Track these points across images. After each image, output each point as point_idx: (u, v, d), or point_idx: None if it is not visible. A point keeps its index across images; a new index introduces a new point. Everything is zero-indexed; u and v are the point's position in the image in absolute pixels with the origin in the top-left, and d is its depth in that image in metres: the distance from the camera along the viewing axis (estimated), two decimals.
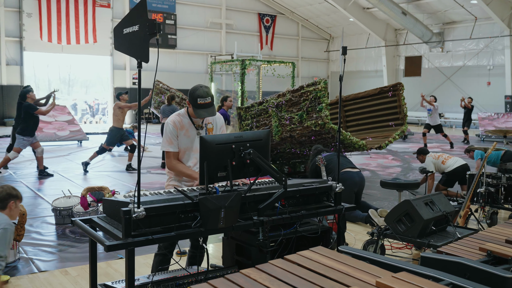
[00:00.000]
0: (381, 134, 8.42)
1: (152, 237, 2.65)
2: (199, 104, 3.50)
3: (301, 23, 28.99)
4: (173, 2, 24.53)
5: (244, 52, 25.67)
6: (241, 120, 9.17)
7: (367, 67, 28.45)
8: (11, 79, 21.01)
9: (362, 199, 6.49)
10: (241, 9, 26.74)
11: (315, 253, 2.24)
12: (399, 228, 4.70)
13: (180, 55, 25.01)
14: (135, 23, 2.50)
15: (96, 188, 5.68)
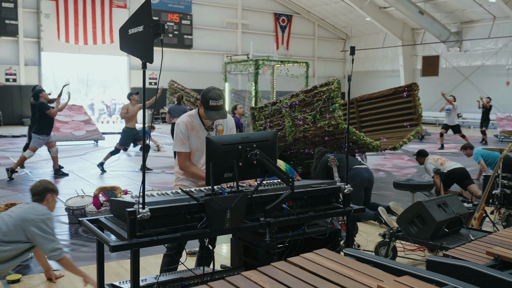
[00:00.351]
0: (396, 134, 8.33)
1: (157, 237, 2.64)
2: (211, 106, 3.49)
3: (317, 22, 28.88)
4: (189, 3, 24.63)
5: (260, 52, 25.68)
6: (254, 120, 9.16)
7: (384, 67, 28.23)
8: (30, 79, 21.30)
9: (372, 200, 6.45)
10: (257, 9, 26.74)
11: (318, 255, 2.21)
12: (411, 230, 4.65)
13: (196, 55, 25.10)
14: (139, 24, 2.50)
15: (108, 188, 5.72)
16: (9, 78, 20.96)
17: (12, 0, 20.52)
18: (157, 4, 23.77)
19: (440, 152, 13.60)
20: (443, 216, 4.58)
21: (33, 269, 4.51)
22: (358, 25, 28.06)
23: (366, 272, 1.99)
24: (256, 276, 1.96)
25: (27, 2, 21.00)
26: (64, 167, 9.88)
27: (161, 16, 23.85)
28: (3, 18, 20.41)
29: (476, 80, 23.79)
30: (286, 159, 9.27)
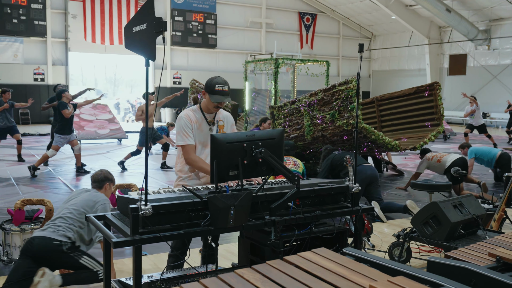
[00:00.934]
0: (417, 134, 8.20)
1: (159, 235, 2.66)
2: (216, 90, 3.53)
3: (342, 21, 28.66)
4: (213, 2, 24.73)
5: (284, 51, 25.62)
6: (274, 119, 9.14)
7: (410, 65, 27.84)
8: (57, 78, 21.71)
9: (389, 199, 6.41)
10: (281, 8, 26.69)
11: (316, 254, 2.19)
12: (425, 231, 4.57)
13: (220, 55, 25.20)
14: (143, 22, 2.52)
15: (124, 185, 5.77)
16: (37, 77, 21.43)
17: (40, 1, 20.96)
18: (181, 4, 23.96)
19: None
20: (458, 217, 4.48)
21: None
22: (383, 24, 27.74)
23: (362, 272, 1.96)
24: (249, 274, 1.95)
25: (55, 3, 21.43)
26: (86, 165, 10.04)
27: (185, 16, 24.03)
28: (32, 19, 20.86)
29: (505, 79, 23.25)
30: (305, 158, 9.23)
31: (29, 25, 20.79)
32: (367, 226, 5.27)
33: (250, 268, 2.04)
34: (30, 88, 21.19)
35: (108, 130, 14.93)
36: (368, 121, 9.23)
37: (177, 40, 23.93)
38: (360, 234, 3.46)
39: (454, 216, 4.47)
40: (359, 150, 8.39)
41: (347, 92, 7.37)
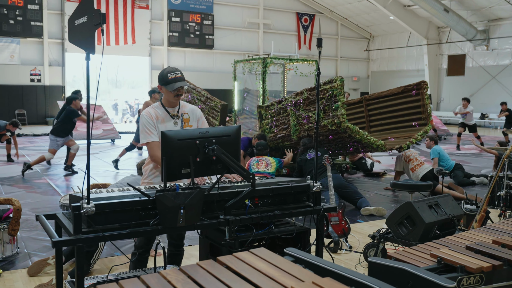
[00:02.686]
0: (404, 134, 8.10)
1: (103, 234, 2.58)
2: (170, 79, 3.47)
3: (340, 22, 28.57)
4: (210, 3, 24.68)
5: (282, 52, 25.48)
6: (261, 119, 9.06)
7: (409, 66, 27.72)
8: (53, 79, 21.70)
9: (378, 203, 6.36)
10: (279, 8, 26.61)
11: (252, 255, 2.11)
12: (400, 232, 4.48)
13: (217, 55, 25.14)
14: (84, 14, 2.44)
15: (100, 185, 5.70)
16: (34, 78, 21.40)
17: (37, 2, 20.95)
18: (178, 5, 23.91)
19: (457, 153, 13.23)
20: (433, 218, 4.39)
21: (17, 265, 4.52)
22: (382, 24, 27.63)
23: (293, 273, 1.88)
24: (173, 275, 1.87)
25: (52, 3, 21.41)
26: (75, 165, 9.98)
27: (182, 17, 23.98)
28: (29, 20, 20.85)
29: (504, 80, 23.10)
30: (294, 158, 9.14)
31: (25, 26, 20.78)
32: (344, 227, 5.19)
33: (179, 269, 1.96)
34: (26, 88, 21.18)
35: (101, 130, 14.88)
36: (357, 120, 9.14)
37: (174, 41, 23.88)
38: (322, 234, 3.36)
39: (428, 216, 4.38)
40: (346, 150, 8.31)
41: (332, 91, 7.29)
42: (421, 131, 7.81)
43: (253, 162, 7.21)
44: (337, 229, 5.15)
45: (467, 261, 2.18)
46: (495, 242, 2.48)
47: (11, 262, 4.57)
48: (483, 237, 2.67)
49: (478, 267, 2.14)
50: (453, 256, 2.26)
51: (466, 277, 2.09)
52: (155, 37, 23.64)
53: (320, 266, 1.95)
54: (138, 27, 22.85)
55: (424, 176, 7.33)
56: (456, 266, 2.15)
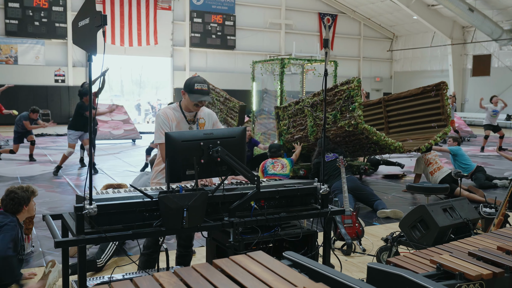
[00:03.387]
0: (423, 136, 7.97)
1: (105, 235, 2.59)
2: (196, 90, 3.47)
3: (363, 22, 28.31)
4: (232, 4, 24.73)
5: (304, 52, 25.44)
6: (278, 120, 9.02)
7: (432, 66, 27.30)
8: (77, 80, 22.02)
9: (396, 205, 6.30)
10: (301, 9, 26.51)
11: (250, 258, 2.08)
12: (413, 235, 4.39)
13: (239, 56, 25.17)
14: (86, 16, 2.46)
15: (115, 184, 5.75)
16: (58, 79, 21.77)
17: (61, 4, 21.30)
18: (200, 6, 24.03)
19: (480, 155, 12.98)
20: (447, 221, 4.30)
21: (31, 263, 4.58)
22: (405, 24, 27.29)
23: (287, 278, 1.85)
24: (167, 277, 1.85)
25: (76, 5, 21.71)
26: (97, 164, 10.14)
27: (204, 18, 24.09)
28: (53, 22, 21.22)
29: None
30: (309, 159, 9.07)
31: (50, 27, 21.15)
32: (358, 230, 5.13)
33: (174, 271, 1.95)
34: (50, 89, 21.56)
35: (122, 130, 15.04)
36: (376, 122, 9.03)
37: (196, 42, 24.00)
38: (329, 237, 3.32)
39: (442, 220, 4.29)
40: (363, 152, 8.21)
41: (348, 92, 7.21)
42: (440, 133, 7.67)
43: (269, 164, 7.19)
44: (351, 232, 5.08)
45: (466, 268, 2.12)
46: (499, 249, 2.40)
47: (26, 260, 4.62)
48: (489, 243, 2.59)
49: (477, 274, 2.07)
50: (452, 262, 2.19)
51: (465, 285, 2.03)
52: (177, 38, 23.80)
53: (316, 271, 1.92)
54: (160, 28, 23.03)
55: (443, 179, 7.19)
56: (455, 273, 2.09)
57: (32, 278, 4.09)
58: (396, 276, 1.82)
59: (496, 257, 2.24)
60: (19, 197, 3.93)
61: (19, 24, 20.61)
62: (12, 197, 3.91)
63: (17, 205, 3.89)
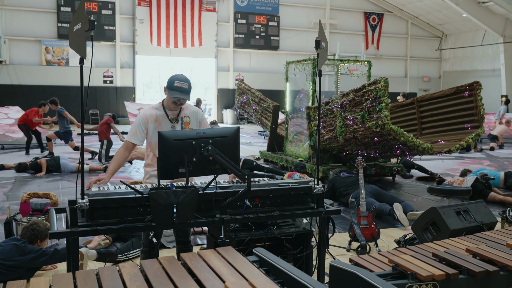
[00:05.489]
0: (455, 137, 7.77)
1: (97, 228, 2.73)
2: (175, 87, 3.50)
3: (411, 20, 27.68)
4: (276, 4, 24.81)
5: (348, 52, 25.18)
6: (309, 120, 9.03)
7: (483, 66, 26.37)
8: (124, 81, 22.74)
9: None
10: (346, 8, 26.25)
11: (216, 253, 2.16)
12: (425, 238, 4.34)
13: (282, 56, 25.17)
14: (79, 21, 2.60)
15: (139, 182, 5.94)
16: (107, 79, 22.53)
17: (110, 7, 22.05)
18: (244, 7, 24.25)
19: None
20: (460, 224, 4.22)
21: None
22: (454, 22, 26.49)
23: (243, 273, 1.91)
24: (129, 268, 1.96)
25: (124, 8, 22.44)
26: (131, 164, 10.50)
27: (248, 18, 24.29)
28: (102, 25, 21.99)
29: None
30: (342, 161, 9.03)
31: (99, 30, 21.91)
32: (373, 231, 5.09)
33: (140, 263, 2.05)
34: (99, 89, 22.33)
35: None
36: (408, 123, 8.88)
37: (240, 43, 24.24)
38: (325, 237, 3.34)
39: (454, 223, 4.22)
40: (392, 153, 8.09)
41: (376, 93, 7.13)
42: (473, 134, 7.45)
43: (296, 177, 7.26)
44: (366, 233, 5.05)
45: (420, 268, 2.09)
46: (468, 251, 2.35)
47: None
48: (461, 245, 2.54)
49: (428, 274, 2.05)
50: (409, 262, 2.17)
51: (416, 284, 2.01)
52: (221, 39, 24.11)
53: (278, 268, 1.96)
54: (204, 29, 23.41)
55: (473, 185, 6.95)
56: (408, 272, 2.07)
57: (50, 270, 4.32)
58: (351, 274, 1.85)
59: (458, 258, 2.21)
60: (39, 231, 4.26)
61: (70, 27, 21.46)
62: (33, 228, 4.25)
63: (33, 236, 4.22)
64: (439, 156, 8.56)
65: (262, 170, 9.44)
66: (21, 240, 4.20)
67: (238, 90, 12.48)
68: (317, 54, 3.09)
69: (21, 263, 4.01)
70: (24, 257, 4.03)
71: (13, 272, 3.99)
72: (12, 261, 4.00)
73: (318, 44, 3.04)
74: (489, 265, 2.17)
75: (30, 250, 4.09)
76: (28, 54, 21.04)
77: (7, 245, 4.12)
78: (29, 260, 4.03)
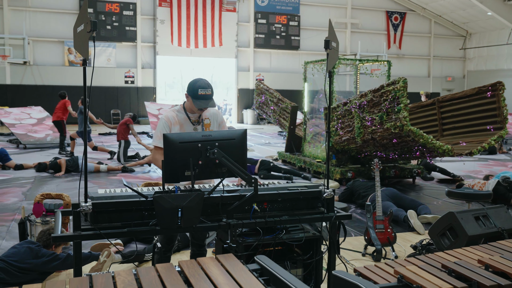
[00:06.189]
0: (477, 139, 7.56)
1: (100, 231, 2.69)
2: (199, 95, 3.46)
3: (434, 19, 27.25)
4: (297, 4, 24.68)
5: (370, 51, 24.94)
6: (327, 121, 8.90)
7: (510, 65, 25.80)
8: (146, 81, 22.89)
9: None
10: (367, 7, 25.97)
11: (215, 261, 2.09)
12: (442, 243, 4.20)
13: (303, 56, 25.02)
14: (82, 22, 2.57)
15: (153, 183, 5.92)
16: (128, 80, 22.72)
17: (131, 8, 22.23)
18: (265, 7, 24.18)
19: None
20: (478, 230, 4.08)
21: None
22: (479, 21, 25.97)
23: (240, 282, 1.84)
24: (124, 276, 1.90)
25: (145, 9, 22.60)
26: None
27: (269, 18, 24.22)
28: (124, 25, 22.19)
29: None
30: (361, 162, 8.89)
31: (121, 31, 22.13)
32: (389, 235, 4.97)
33: (135, 270, 1.99)
34: (121, 90, 22.54)
35: None
36: (429, 124, 8.69)
37: (260, 43, 24.18)
38: (334, 242, 3.24)
39: (473, 228, 4.07)
40: (412, 155, 7.92)
41: (394, 93, 6.99)
42: (495, 136, 7.24)
43: None
44: (382, 237, 4.93)
45: (427, 281, 1.98)
46: (480, 262, 2.23)
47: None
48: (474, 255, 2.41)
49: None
50: (414, 274, 2.06)
51: None
52: (241, 39, 24.09)
53: (278, 279, 1.89)
54: (225, 29, 23.42)
55: (495, 189, 6.75)
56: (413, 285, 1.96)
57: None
58: (353, 286, 1.76)
59: (468, 270, 2.08)
60: None
61: None
62: (50, 233, 4.27)
63: (49, 241, 4.23)
64: (460, 158, 8.35)
65: (279, 171, 9.36)
66: (36, 244, 4.21)
67: (257, 90, 12.42)
68: (327, 55, 3.00)
69: (33, 266, 4.02)
70: (37, 260, 4.04)
71: (26, 275, 4.00)
72: (25, 264, 4.01)
73: (327, 44, 2.96)
74: (502, 278, 2.05)
75: (43, 253, 4.09)
76: (51, 55, 21.34)
77: (22, 248, 4.14)
78: (41, 263, 4.04)
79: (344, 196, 7.28)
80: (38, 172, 9.40)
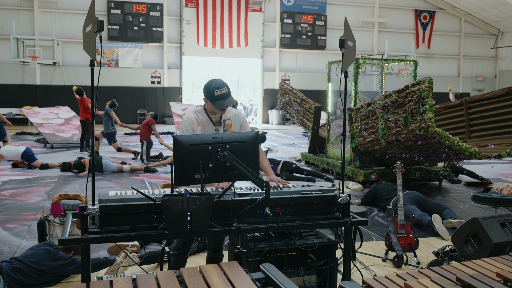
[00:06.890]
0: (506, 141, 7.31)
1: (107, 235, 2.65)
2: (216, 96, 3.42)
3: (464, 18, 26.63)
4: (323, 3, 24.47)
5: (398, 51, 24.52)
6: (351, 122, 8.76)
7: None
8: (172, 81, 23.04)
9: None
10: (395, 6, 25.56)
11: (218, 269, 2.02)
12: (466, 250, 4.04)
13: (329, 56, 24.78)
14: (90, 22, 2.53)
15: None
16: (154, 80, 22.90)
17: (158, 9, 22.40)
18: (291, 6, 24.05)
19: None
20: (504, 237, 3.90)
21: None
22: (511, 19, 25.26)
23: None
24: (122, 283, 1.85)
25: (171, 10, 22.74)
26: None
27: (295, 18, 24.07)
28: (151, 26, 22.38)
29: None
30: (385, 164, 8.71)
31: (147, 32, 22.32)
32: (411, 240, 4.81)
33: (135, 277, 1.94)
34: (147, 90, 22.74)
35: None
36: (456, 125, 8.45)
37: (286, 43, 24.06)
38: (350, 248, 3.13)
39: (498, 235, 3.90)
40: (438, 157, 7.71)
41: (419, 94, 6.80)
42: None
43: None
44: (404, 243, 4.78)
45: None
46: (499, 276, 2.09)
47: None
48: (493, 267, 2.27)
49: None
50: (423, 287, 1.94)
51: None
52: (267, 39, 24.02)
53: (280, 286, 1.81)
54: (251, 29, 23.38)
55: None
56: None
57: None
58: None
59: (485, 285, 1.95)
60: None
61: (120, 29, 21.99)
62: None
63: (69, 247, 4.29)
64: (489, 160, 8.09)
65: (301, 173, 9.25)
66: (54, 246, 4.22)
67: (281, 90, 12.32)
68: (342, 54, 2.90)
69: (50, 268, 4.03)
70: (54, 262, 4.04)
71: (42, 277, 4.00)
72: (42, 265, 4.02)
73: (342, 43, 2.85)
74: None
75: (61, 256, 4.10)
76: (80, 56, 21.65)
77: (40, 249, 4.15)
78: (58, 266, 4.04)
79: (367, 198, 7.14)
80: (62, 172, 9.51)
